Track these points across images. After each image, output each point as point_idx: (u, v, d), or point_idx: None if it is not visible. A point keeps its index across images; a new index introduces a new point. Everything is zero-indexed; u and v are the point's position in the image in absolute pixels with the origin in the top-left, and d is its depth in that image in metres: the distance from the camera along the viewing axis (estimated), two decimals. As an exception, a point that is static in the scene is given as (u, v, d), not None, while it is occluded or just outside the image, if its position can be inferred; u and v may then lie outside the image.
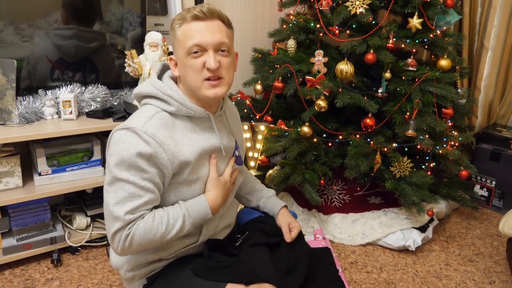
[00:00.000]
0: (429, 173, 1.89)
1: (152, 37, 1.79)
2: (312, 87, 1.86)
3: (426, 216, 1.93)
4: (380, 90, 1.86)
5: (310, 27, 1.96)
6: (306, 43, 2.05)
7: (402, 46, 1.97)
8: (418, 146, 1.84)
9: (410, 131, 1.79)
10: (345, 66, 1.80)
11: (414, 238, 1.86)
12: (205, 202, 1.07)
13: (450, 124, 1.95)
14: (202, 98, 1.05)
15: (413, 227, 1.91)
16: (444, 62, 1.90)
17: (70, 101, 1.71)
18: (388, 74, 1.84)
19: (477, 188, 2.35)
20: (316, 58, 1.90)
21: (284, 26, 2.06)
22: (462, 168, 2.00)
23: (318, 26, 1.93)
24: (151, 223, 0.99)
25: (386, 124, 1.89)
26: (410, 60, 1.88)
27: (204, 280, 1.04)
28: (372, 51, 1.79)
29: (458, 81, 2.10)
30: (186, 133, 1.06)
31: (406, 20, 1.92)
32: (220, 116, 1.16)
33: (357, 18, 1.82)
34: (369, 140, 1.87)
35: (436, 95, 1.84)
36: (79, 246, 1.77)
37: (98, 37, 1.83)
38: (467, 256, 1.89)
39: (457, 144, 1.98)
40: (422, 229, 1.93)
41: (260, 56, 2.19)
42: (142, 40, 1.86)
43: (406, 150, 1.90)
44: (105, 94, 1.85)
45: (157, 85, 1.06)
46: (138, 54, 1.81)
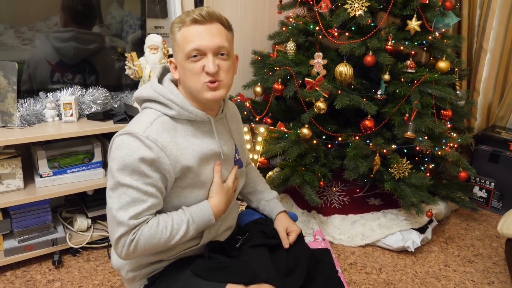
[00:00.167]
0: (428, 174, 1.90)
1: (152, 39, 1.80)
2: (311, 89, 1.87)
3: (425, 217, 1.93)
4: (379, 92, 1.87)
5: (309, 30, 1.97)
6: (305, 46, 2.06)
7: (401, 48, 1.97)
8: (417, 148, 1.85)
9: (409, 133, 1.80)
10: (344, 68, 1.81)
11: (413, 239, 1.87)
12: (208, 208, 1.07)
13: (449, 125, 1.95)
14: (201, 100, 1.05)
15: (412, 228, 1.91)
16: (442, 64, 1.91)
17: (71, 103, 1.72)
18: (387, 76, 1.85)
19: (476, 189, 2.36)
20: (315, 60, 1.91)
21: (283, 29, 2.08)
22: (461, 169, 2.01)
23: (317, 28, 1.94)
24: (156, 228, 1.00)
25: (385, 125, 1.89)
26: (409, 62, 1.89)
27: (204, 280, 1.04)
28: (371, 53, 1.80)
29: (457, 83, 2.11)
30: (187, 137, 1.06)
31: (405, 22, 1.93)
32: (221, 119, 1.16)
33: (356, 20, 1.83)
34: (368, 141, 1.88)
35: (435, 97, 1.85)
36: (80, 248, 1.78)
37: (97, 38, 1.83)
38: (466, 257, 1.90)
39: (456, 145, 1.99)
40: (421, 230, 1.94)
41: (259, 58, 2.20)
42: (142, 42, 1.87)
43: (405, 151, 1.91)
44: (105, 96, 1.86)
45: (157, 89, 1.06)
46: (139, 57, 1.82)
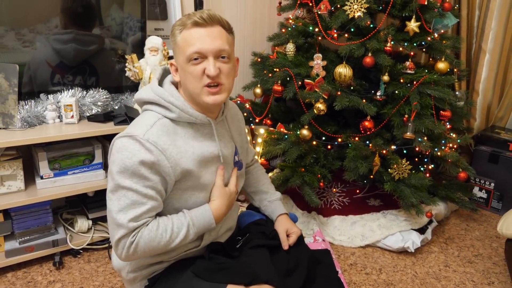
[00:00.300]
0: (427, 175, 1.90)
1: (152, 41, 1.80)
2: (311, 91, 1.88)
3: (425, 217, 1.94)
4: (378, 93, 1.87)
5: (308, 31, 1.98)
6: (305, 47, 2.07)
7: (400, 49, 1.98)
8: (417, 148, 1.85)
9: (408, 134, 1.80)
10: (343, 70, 1.82)
11: (413, 240, 1.87)
12: (209, 211, 1.08)
13: (448, 126, 1.96)
14: (202, 104, 1.05)
15: (412, 229, 1.92)
16: (441, 65, 1.92)
17: (71, 105, 1.72)
18: (386, 77, 1.85)
19: (476, 190, 2.36)
20: (315, 62, 1.92)
21: (283, 30, 2.08)
22: (461, 170, 2.01)
23: (316, 30, 1.95)
24: (156, 231, 1.00)
25: (384, 126, 1.90)
26: (408, 63, 1.90)
27: (204, 281, 1.05)
28: (370, 55, 1.81)
29: (456, 83, 2.11)
30: (188, 140, 1.06)
31: (404, 23, 1.93)
32: (221, 121, 1.16)
33: (355, 21, 1.84)
34: (368, 142, 1.88)
35: (434, 98, 1.86)
36: (81, 249, 1.78)
37: (97, 40, 1.84)
38: (466, 257, 1.90)
39: (455, 146, 1.99)
40: (421, 230, 1.94)
41: (259, 60, 2.20)
42: (143, 44, 1.87)
43: (405, 152, 1.91)
44: (106, 98, 1.86)
45: (158, 91, 1.06)
46: (139, 59, 1.83)
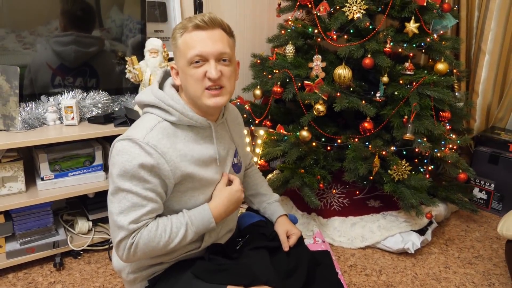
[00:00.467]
0: (427, 176, 1.90)
1: (152, 43, 1.81)
2: (310, 92, 1.88)
3: (425, 219, 1.94)
4: (378, 94, 1.87)
5: (308, 33, 1.98)
6: (304, 48, 2.07)
7: (400, 50, 1.98)
8: (416, 149, 1.85)
9: (408, 135, 1.81)
10: (343, 71, 1.82)
11: (413, 241, 1.87)
12: (208, 211, 1.07)
13: (448, 127, 1.96)
14: (203, 106, 1.06)
15: (412, 230, 1.91)
16: (441, 66, 1.92)
17: (72, 107, 1.73)
18: (385, 78, 1.86)
19: (476, 191, 2.36)
20: (314, 63, 1.92)
21: (282, 32, 2.09)
22: (461, 171, 2.01)
23: (316, 31, 1.95)
24: (155, 232, 1.00)
25: (384, 127, 1.90)
26: (407, 64, 1.90)
27: (204, 282, 1.05)
28: (369, 56, 1.81)
29: (456, 84, 2.11)
30: (187, 143, 1.06)
31: (403, 24, 1.93)
32: (222, 123, 1.17)
33: (354, 23, 1.84)
34: (367, 143, 1.88)
35: (433, 99, 1.86)
36: (81, 250, 1.79)
37: (97, 42, 1.85)
38: (467, 258, 1.90)
39: (455, 147, 1.99)
40: (421, 232, 1.94)
41: (259, 61, 2.21)
42: (143, 46, 1.88)
43: (405, 153, 1.91)
44: (106, 100, 1.87)
45: (158, 94, 1.06)
46: (139, 61, 1.84)
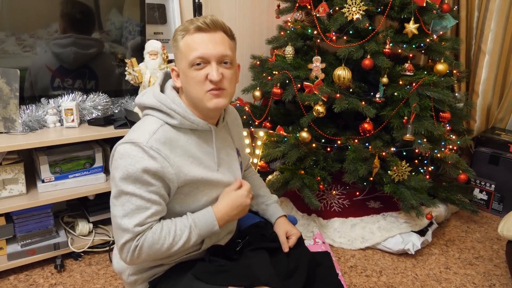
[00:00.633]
0: (427, 177, 1.90)
1: (151, 45, 1.82)
2: (310, 93, 1.88)
3: (425, 219, 1.94)
4: (377, 95, 1.87)
5: (307, 34, 1.99)
6: (303, 50, 2.07)
7: (399, 51, 1.98)
8: (416, 150, 1.85)
9: (408, 135, 1.81)
10: (342, 72, 1.82)
11: (414, 242, 1.87)
12: (211, 213, 1.07)
13: (448, 128, 1.96)
14: (203, 109, 1.06)
15: (412, 231, 1.91)
16: (441, 67, 1.92)
17: (72, 109, 1.73)
18: (385, 79, 1.86)
19: (476, 191, 2.36)
20: (313, 64, 1.92)
21: (282, 33, 2.09)
22: (461, 171, 2.01)
23: (315, 32, 1.95)
24: (159, 234, 1.00)
25: (384, 128, 1.90)
26: (407, 65, 1.90)
27: (205, 283, 1.05)
28: (369, 57, 1.81)
29: (456, 85, 2.11)
30: (189, 146, 1.06)
31: (402, 25, 1.94)
32: (223, 126, 1.17)
33: (353, 24, 1.84)
34: (367, 144, 1.88)
35: (433, 99, 1.86)
36: (82, 252, 1.79)
37: (96, 43, 1.85)
38: (467, 259, 1.89)
39: (455, 147, 1.99)
40: (421, 232, 1.93)
41: (258, 63, 2.21)
42: (142, 48, 1.89)
43: (405, 154, 1.91)
44: (106, 102, 1.87)
45: (160, 98, 1.06)
46: (138, 63, 1.84)
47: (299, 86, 1.93)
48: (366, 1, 1.83)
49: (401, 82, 1.88)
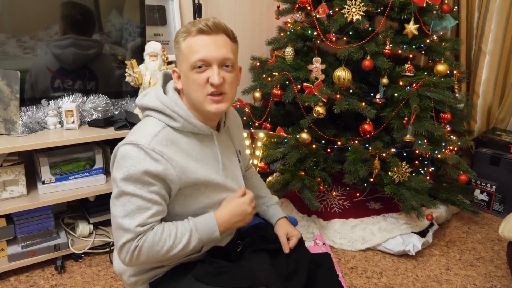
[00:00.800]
0: (428, 177, 1.90)
1: (152, 47, 1.82)
2: (310, 94, 1.88)
3: (425, 220, 1.93)
4: (377, 96, 1.87)
5: (307, 35, 1.99)
6: (303, 51, 2.08)
7: (399, 52, 1.98)
8: (417, 151, 1.85)
9: (408, 136, 1.80)
10: (342, 73, 1.82)
11: (414, 243, 1.87)
12: (213, 219, 1.07)
13: (448, 128, 1.96)
14: (204, 112, 1.06)
15: (412, 232, 1.91)
16: (441, 67, 1.92)
17: (72, 110, 1.74)
18: (385, 80, 1.86)
19: (477, 192, 2.35)
20: (313, 65, 1.92)
21: (281, 34, 2.09)
22: (462, 172, 2.01)
23: (315, 33, 1.95)
24: (160, 235, 1.00)
25: (384, 129, 1.90)
26: (407, 65, 1.90)
27: (205, 285, 1.05)
28: (369, 58, 1.81)
29: (456, 85, 2.11)
30: (191, 149, 1.06)
31: (402, 26, 1.94)
32: (224, 131, 1.17)
33: (353, 25, 1.85)
34: (367, 145, 1.88)
35: (433, 100, 1.86)
36: (82, 253, 1.79)
37: (95, 44, 1.86)
38: (468, 260, 1.89)
39: (456, 148, 1.99)
40: (422, 234, 1.93)
41: (258, 64, 2.21)
42: (142, 50, 1.89)
43: (405, 155, 1.91)
44: (106, 103, 1.88)
45: (163, 100, 1.05)
46: (138, 64, 1.85)
47: (299, 87, 1.93)
48: (366, 2, 1.83)
49: (401, 83, 1.88)
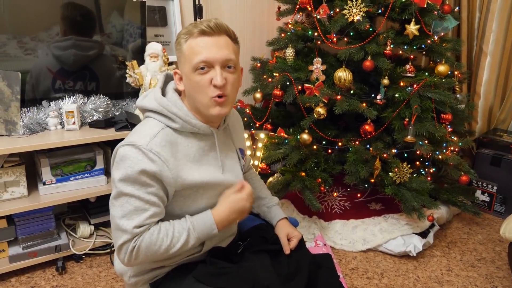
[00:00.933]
0: (429, 178, 1.90)
1: (152, 47, 1.82)
2: (311, 95, 1.88)
3: (426, 221, 1.93)
4: (378, 97, 1.87)
5: (308, 35, 1.99)
6: (304, 51, 2.07)
7: (400, 52, 1.98)
8: (418, 152, 1.85)
9: (409, 137, 1.80)
10: (343, 73, 1.82)
11: (415, 244, 1.87)
12: (210, 217, 1.07)
13: (449, 129, 1.95)
14: (206, 114, 1.05)
15: (413, 233, 1.91)
16: (442, 68, 1.92)
17: (73, 111, 1.74)
18: (386, 81, 1.85)
19: (478, 193, 2.35)
20: (314, 66, 1.92)
21: (282, 35, 2.09)
22: (463, 173, 2.01)
23: (316, 34, 1.95)
24: (157, 235, 1.00)
25: (385, 130, 1.90)
26: (408, 66, 1.90)
27: (206, 286, 1.05)
28: (370, 58, 1.81)
29: (457, 86, 2.11)
30: (190, 150, 1.06)
31: (403, 26, 1.94)
32: (224, 128, 1.17)
33: (354, 25, 1.84)
34: (368, 146, 1.88)
35: (434, 101, 1.86)
36: (83, 254, 1.79)
37: (96, 45, 1.86)
38: (469, 261, 1.89)
39: (457, 149, 1.99)
40: (423, 234, 1.93)
41: (259, 65, 2.21)
42: (143, 51, 1.89)
43: (406, 156, 1.91)
44: (107, 104, 1.88)
45: (162, 102, 1.05)
46: (139, 65, 1.85)
47: (300, 88, 1.93)
48: (367, 2, 1.83)
49: (402, 84, 1.88)
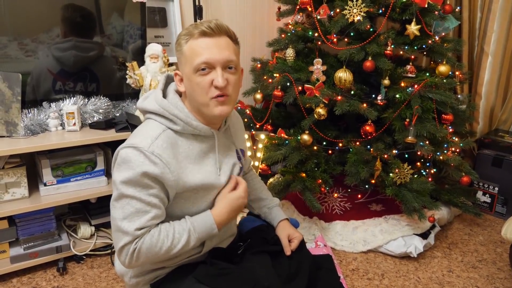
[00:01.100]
0: (430, 179, 1.90)
1: (152, 48, 1.83)
2: (311, 95, 1.88)
3: (427, 222, 1.92)
4: (379, 97, 1.87)
5: (308, 36, 1.98)
6: (304, 52, 2.07)
7: (401, 52, 1.98)
8: (418, 153, 1.85)
9: (410, 138, 1.80)
10: (343, 74, 1.82)
11: (416, 245, 1.86)
12: (210, 216, 1.07)
13: (450, 130, 1.95)
14: (208, 115, 1.05)
15: (414, 234, 1.90)
16: (443, 68, 1.91)
17: (73, 113, 1.74)
18: (387, 81, 1.85)
19: (479, 194, 2.34)
20: (314, 67, 1.92)
21: (282, 36, 2.09)
22: (464, 174, 2.00)
23: (316, 34, 1.95)
24: (157, 237, 1.00)
25: (386, 131, 1.89)
26: (409, 66, 1.90)
27: (206, 286, 1.05)
28: (370, 59, 1.81)
29: (458, 86, 2.10)
30: (191, 152, 1.06)
31: (404, 26, 1.93)
32: (225, 130, 1.17)
33: (354, 26, 1.84)
34: (369, 147, 1.88)
35: (435, 101, 1.85)
36: (84, 255, 1.80)
37: (96, 46, 1.86)
38: (470, 262, 1.88)
39: (458, 150, 1.98)
40: (424, 235, 1.92)
41: (259, 65, 2.21)
42: (143, 52, 1.89)
43: (407, 156, 1.90)
44: (107, 105, 1.88)
45: (162, 104, 1.05)
46: (139, 66, 1.85)
47: (300, 88, 1.93)
48: (367, 2, 1.83)
49: (403, 84, 1.87)
